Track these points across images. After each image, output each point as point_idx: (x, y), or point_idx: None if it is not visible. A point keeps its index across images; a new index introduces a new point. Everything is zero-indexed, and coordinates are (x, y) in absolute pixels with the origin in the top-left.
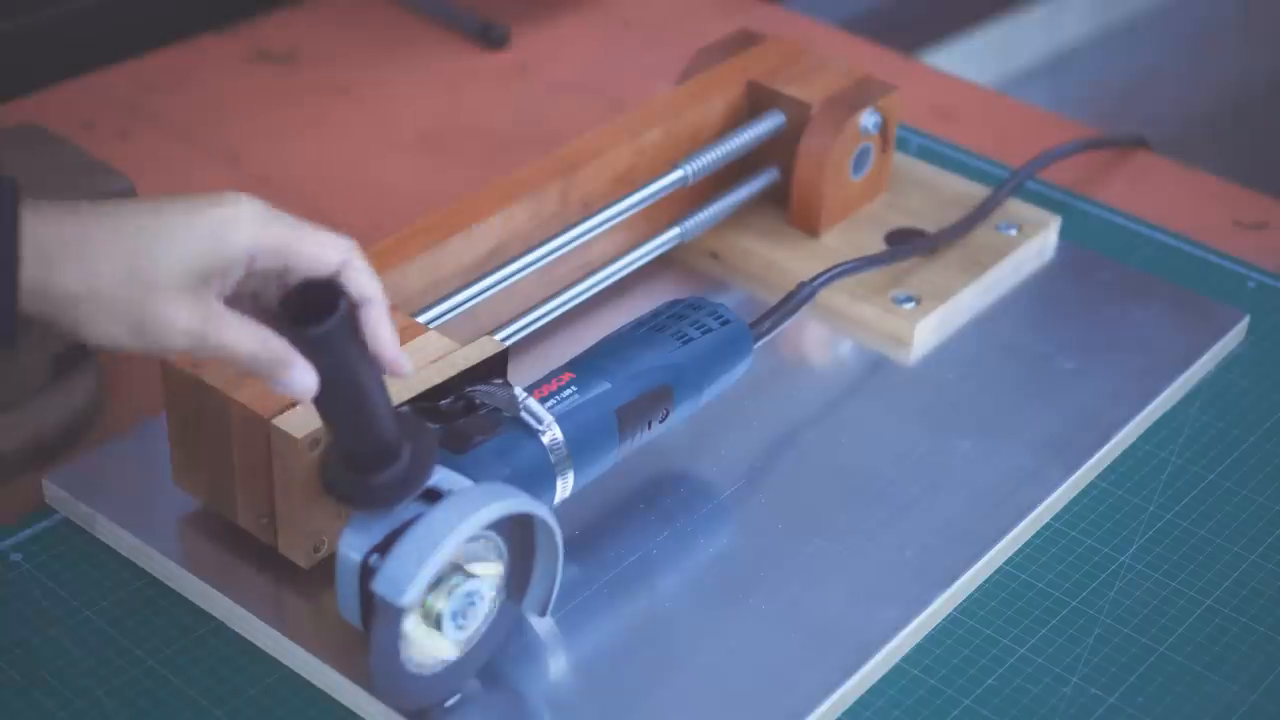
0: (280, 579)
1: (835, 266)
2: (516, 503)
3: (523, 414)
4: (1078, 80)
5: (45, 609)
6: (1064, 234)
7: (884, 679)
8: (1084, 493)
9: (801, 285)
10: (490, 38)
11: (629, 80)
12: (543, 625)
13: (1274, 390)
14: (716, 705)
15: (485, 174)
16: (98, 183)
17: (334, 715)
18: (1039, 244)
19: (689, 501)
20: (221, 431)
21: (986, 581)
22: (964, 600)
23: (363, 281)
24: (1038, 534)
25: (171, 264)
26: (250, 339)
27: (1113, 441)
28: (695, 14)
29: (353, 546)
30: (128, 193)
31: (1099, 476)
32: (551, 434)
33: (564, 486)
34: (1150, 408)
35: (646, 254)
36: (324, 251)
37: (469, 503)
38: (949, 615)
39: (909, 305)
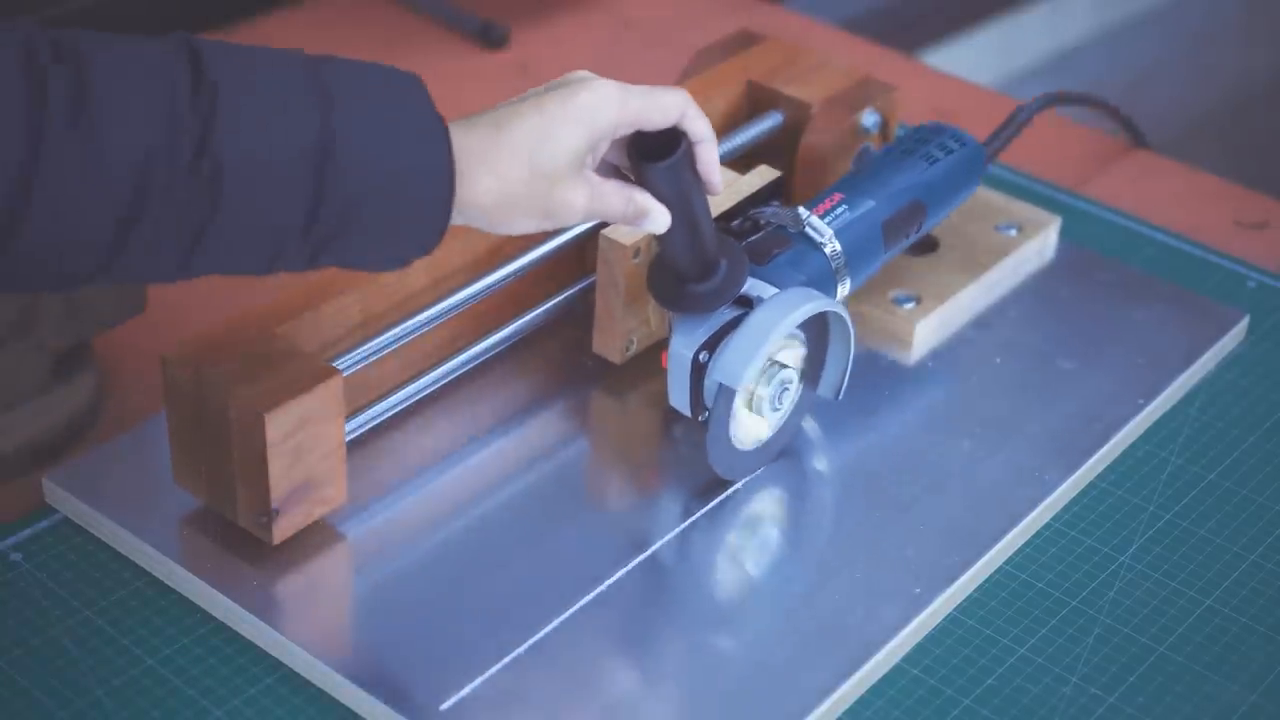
0: (280, 579)
1: (1049, 94)
2: (822, 303)
3: (807, 229)
4: (1078, 80)
5: (45, 609)
6: (1064, 234)
7: (884, 679)
8: (1084, 493)
9: (1020, 107)
10: (490, 38)
11: (629, 80)
12: (544, 625)
13: (1274, 390)
14: (717, 705)
15: None
16: None
17: (334, 715)
18: (1039, 244)
19: (689, 503)
20: (221, 431)
21: (986, 581)
22: (964, 600)
23: (698, 124)
24: (1038, 534)
25: (564, 155)
26: (622, 200)
27: (1113, 441)
28: (695, 14)
29: (683, 345)
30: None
31: (1099, 476)
32: (832, 246)
33: (843, 290)
34: (1150, 408)
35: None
36: (668, 111)
37: (784, 304)
38: (949, 615)
39: (909, 305)
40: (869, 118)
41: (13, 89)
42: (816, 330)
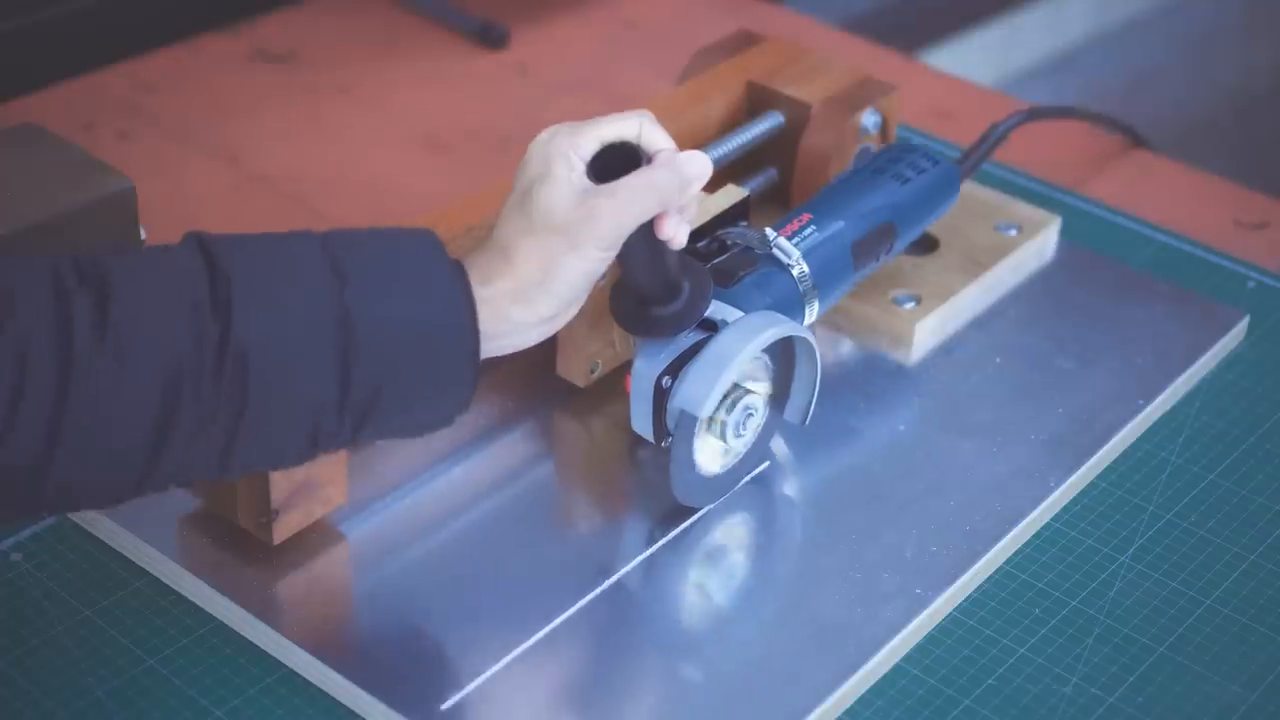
0: (280, 579)
1: (1023, 111)
2: (787, 327)
3: (774, 250)
4: (1078, 80)
5: (45, 609)
6: (1064, 234)
7: (884, 679)
8: (1084, 493)
9: (994, 125)
10: (490, 38)
11: (629, 80)
12: (542, 628)
13: (1274, 390)
14: (717, 704)
15: (485, 174)
16: (97, 183)
17: (334, 715)
18: (1039, 244)
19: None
20: None
21: (986, 581)
22: (964, 600)
23: (656, 137)
24: (1038, 534)
25: (583, 280)
26: (655, 196)
27: (1113, 441)
28: (695, 14)
29: (647, 369)
30: (128, 193)
31: (1099, 476)
32: (800, 267)
33: (811, 313)
34: (1150, 408)
35: None
36: (624, 126)
37: (748, 329)
38: (949, 615)
39: (909, 305)
40: (869, 118)
41: (43, 318)
42: (782, 354)
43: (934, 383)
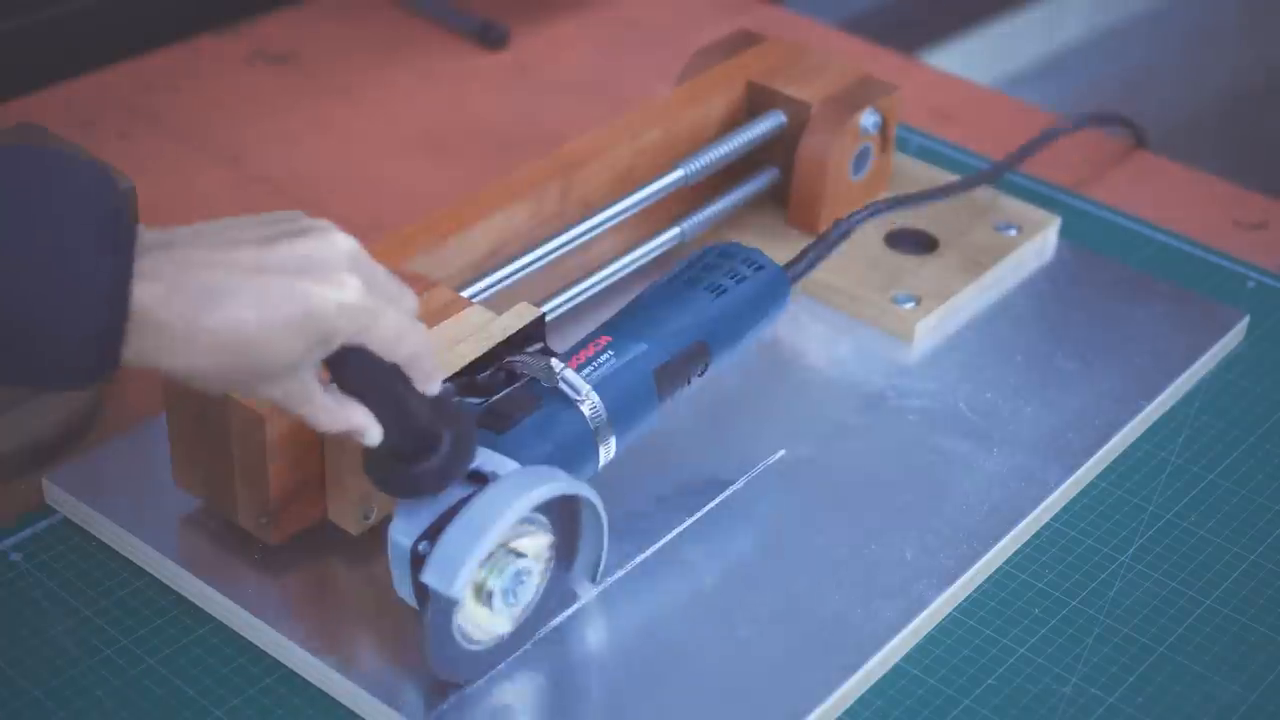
0: (280, 579)
1: (868, 205)
2: (557, 486)
3: (561, 385)
4: (1077, 80)
5: (45, 609)
6: (1064, 234)
7: (884, 679)
8: (1084, 493)
9: (837, 223)
10: (490, 38)
11: (629, 80)
12: (542, 628)
13: (1274, 390)
14: (717, 704)
15: (485, 174)
16: None
17: (334, 715)
18: (1039, 244)
19: (688, 502)
20: (221, 431)
21: (986, 581)
22: (964, 600)
23: (396, 351)
24: (1038, 534)
25: (273, 363)
26: (330, 420)
27: (1113, 441)
28: (695, 14)
29: (402, 533)
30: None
31: (1099, 476)
32: (590, 402)
33: (606, 452)
34: (1150, 408)
35: (646, 254)
36: (398, 348)
37: (511, 490)
38: (949, 615)
39: (909, 305)
40: (869, 118)
41: None
42: (562, 510)
43: (934, 383)
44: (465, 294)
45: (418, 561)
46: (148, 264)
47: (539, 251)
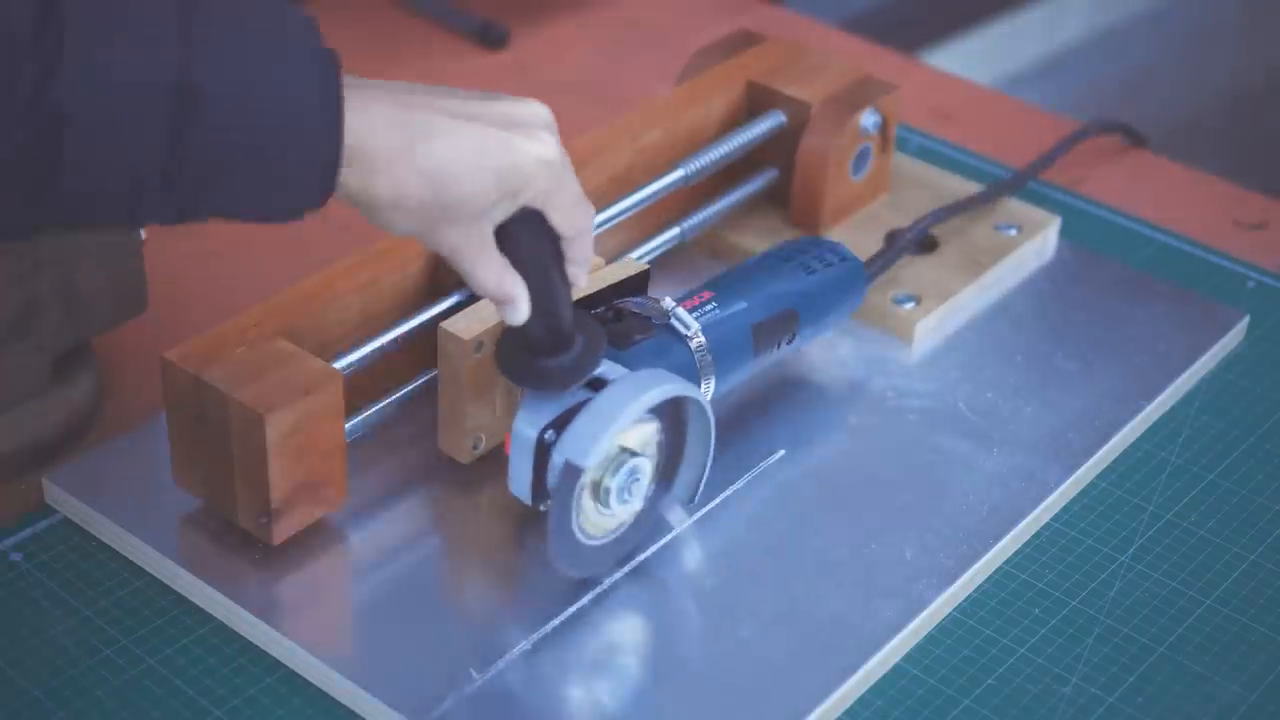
0: (280, 579)
1: (938, 210)
2: (682, 386)
3: (672, 320)
4: (1078, 80)
5: (45, 609)
6: (1064, 234)
7: (884, 679)
8: (1084, 493)
9: (901, 231)
10: (490, 38)
11: (629, 80)
12: (542, 628)
13: (1274, 390)
14: (716, 704)
15: None
16: None
17: (334, 715)
18: (1039, 244)
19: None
20: (221, 431)
21: (986, 581)
22: (964, 600)
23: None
24: (1038, 534)
25: (470, 204)
26: (493, 279)
27: (1113, 441)
28: (695, 14)
29: (527, 424)
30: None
31: (1099, 476)
32: (698, 340)
33: (707, 390)
34: (1150, 408)
35: (646, 254)
36: (572, 228)
37: (640, 384)
38: (949, 615)
39: (909, 305)
40: (869, 118)
41: None
42: (673, 423)
43: (934, 383)
44: (464, 294)
45: (542, 450)
46: (360, 99)
47: None
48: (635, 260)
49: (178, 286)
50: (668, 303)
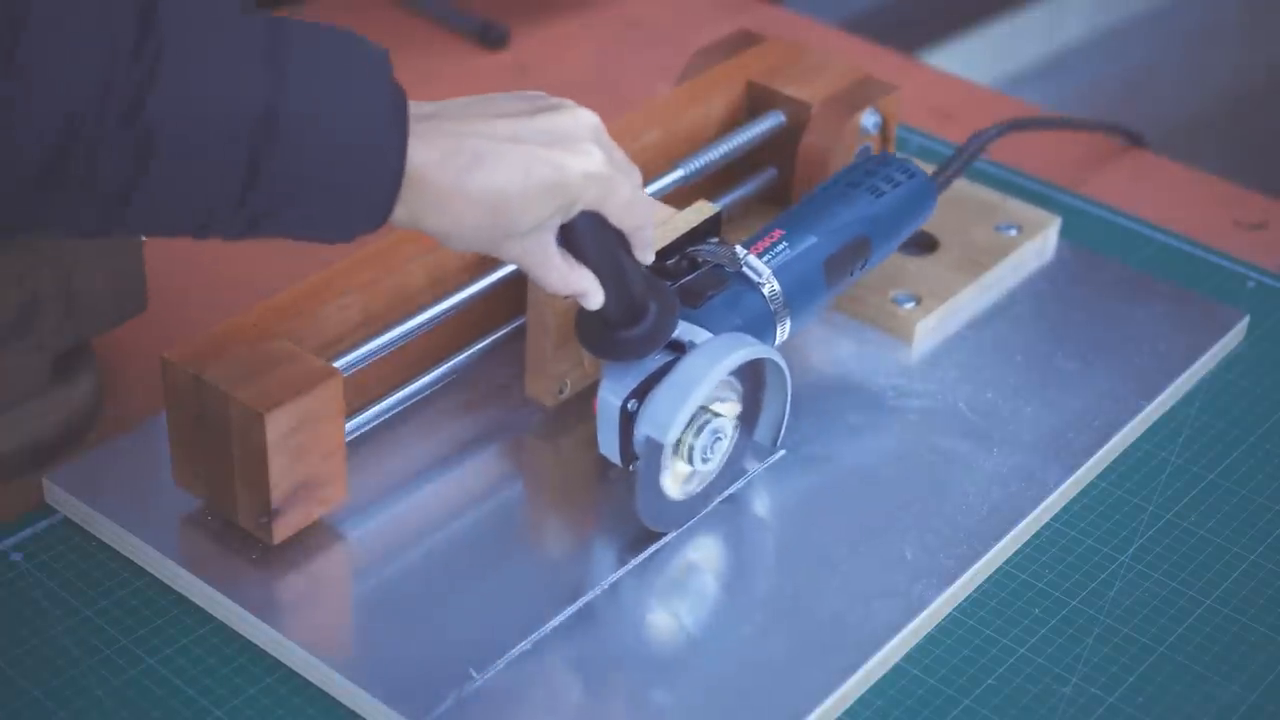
0: (280, 579)
1: (1004, 123)
2: (755, 350)
3: (744, 269)
4: (1078, 80)
5: (45, 609)
6: (1064, 234)
7: (884, 679)
8: (1084, 493)
9: (973, 137)
10: (490, 38)
11: (629, 80)
12: (542, 627)
13: (1274, 390)
14: (716, 704)
15: None
16: None
17: (334, 715)
18: (1039, 244)
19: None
20: (221, 431)
21: (986, 581)
22: (964, 600)
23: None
24: (1038, 534)
25: (529, 223)
26: (561, 281)
27: (1113, 441)
28: (695, 14)
29: (611, 393)
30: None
31: (1099, 476)
32: (770, 286)
33: (783, 331)
34: (1150, 408)
35: None
36: (633, 223)
37: (714, 351)
38: (949, 615)
39: (909, 305)
40: (869, 118)
41: None
42: (751, 375)
43: (934, 383)
44: (466, 291)
45: (626, 419)
46: (420, 131)
47: None
48: (710, 204)
49: (178, 286)
50: (739, 250)
